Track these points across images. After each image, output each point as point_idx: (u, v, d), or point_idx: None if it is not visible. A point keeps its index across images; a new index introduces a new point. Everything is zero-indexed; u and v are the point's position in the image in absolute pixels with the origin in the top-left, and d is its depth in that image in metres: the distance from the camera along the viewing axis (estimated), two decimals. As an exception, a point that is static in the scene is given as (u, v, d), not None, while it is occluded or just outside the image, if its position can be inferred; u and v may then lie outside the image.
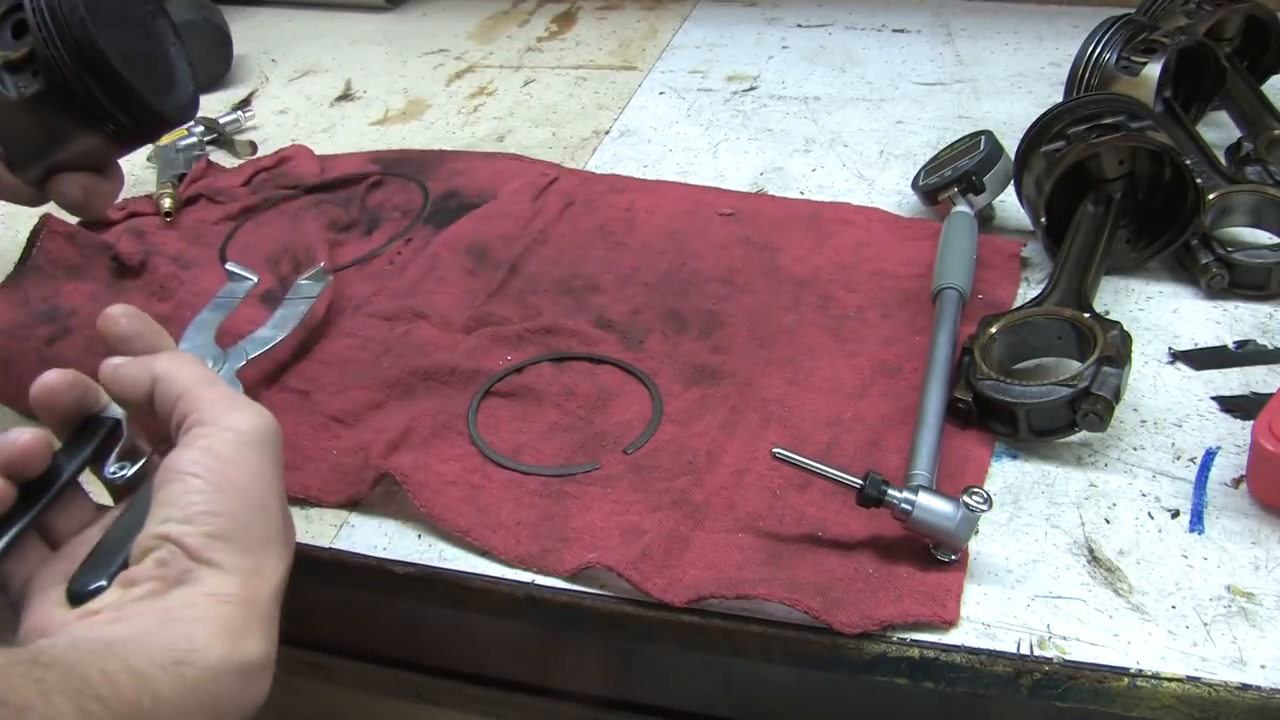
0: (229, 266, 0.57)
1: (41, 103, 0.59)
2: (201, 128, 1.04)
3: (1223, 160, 0.85)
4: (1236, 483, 0.61)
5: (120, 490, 0.53)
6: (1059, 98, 0.92)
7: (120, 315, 0.51)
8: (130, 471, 0.51)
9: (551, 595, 0.58)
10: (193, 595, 0.42)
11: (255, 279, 0.58)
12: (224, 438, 0.46)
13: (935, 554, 0.56)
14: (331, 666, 0.67)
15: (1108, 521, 0.59)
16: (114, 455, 0.51)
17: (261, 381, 0.72)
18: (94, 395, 0.52)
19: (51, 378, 0.50)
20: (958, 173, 0.83)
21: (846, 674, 0.55)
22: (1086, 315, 0.66)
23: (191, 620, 0.42)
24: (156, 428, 0.50)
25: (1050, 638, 0.53)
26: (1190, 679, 0.51)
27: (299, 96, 1.16)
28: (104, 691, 0.37)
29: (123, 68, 0.58)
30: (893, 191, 0.91)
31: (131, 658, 0.39)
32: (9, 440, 0.48)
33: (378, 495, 0.64)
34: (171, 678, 0.39)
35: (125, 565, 0.45)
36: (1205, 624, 0.53)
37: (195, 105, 0.66)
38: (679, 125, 1.04)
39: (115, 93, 0.59)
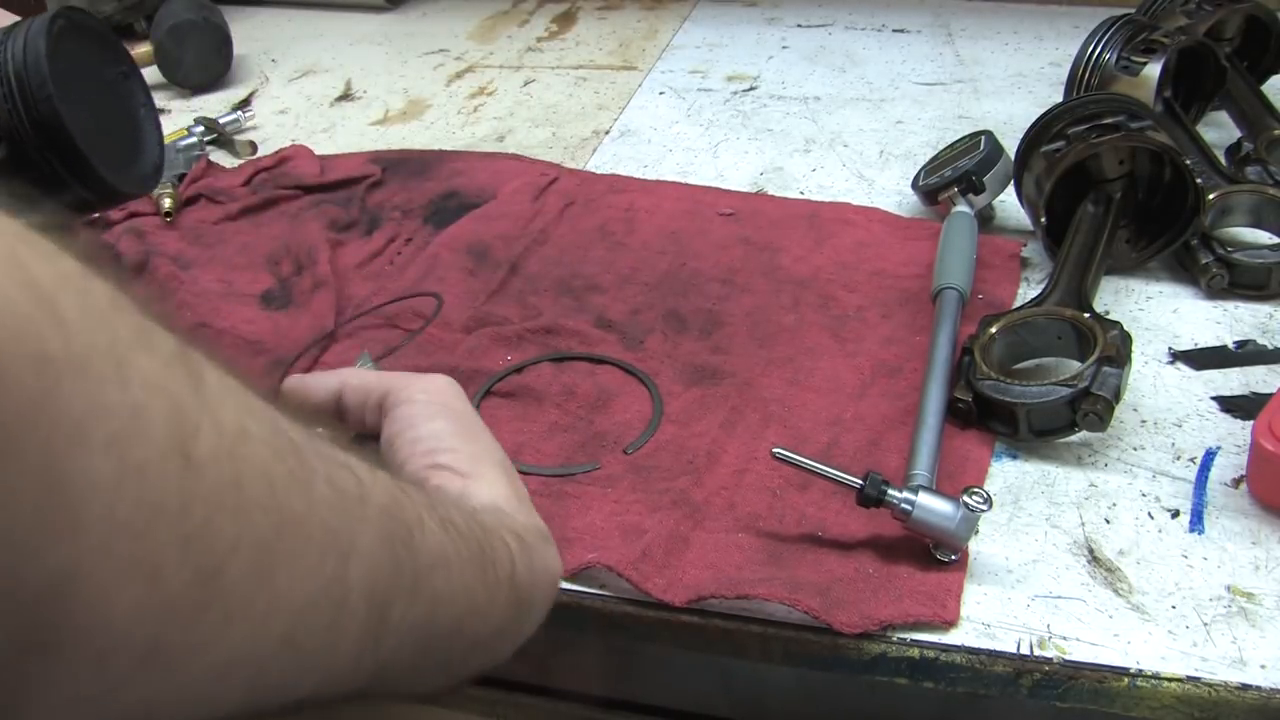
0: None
1: (1, 170, 0.59)
2: (201, 128, 1.04)
3: (1223, 160, 0.85)
4: (1236, 483, 0.61)
5: None
6: (1059, 98, 0.92)
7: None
8: None
9: (551, 595, 0.58)
10: (476, 502, 0.46)
11: None
12: (432, 390, 0.50)
13: (935, 554, 0.56)
14: (331, 666, 0.67)
15: (1108, 521, 0.59)
16: None
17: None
18: None
19: None
20: (958, 173, 0.83)
21: (846, 674, 0.55)
22: (1086, 315, 0.66)
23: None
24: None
25: (1050, 638, 0.53)
26: (1190, 679, 0.51)
27: (299, 96, 1.16)
28: (436, 498, 0.41)
29: (86, 144, 0.58)
30: (893, 191, 0.91)
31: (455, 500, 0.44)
32: None
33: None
34: (488, 515, 0.44)
35: None
36: (1205, 624, 0.53)
37: (160, 173, 0.66)
38: (679, 125, 1.04)
39: (77, 169, 0.59)
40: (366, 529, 0.33)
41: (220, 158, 1.02)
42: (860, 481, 0.56)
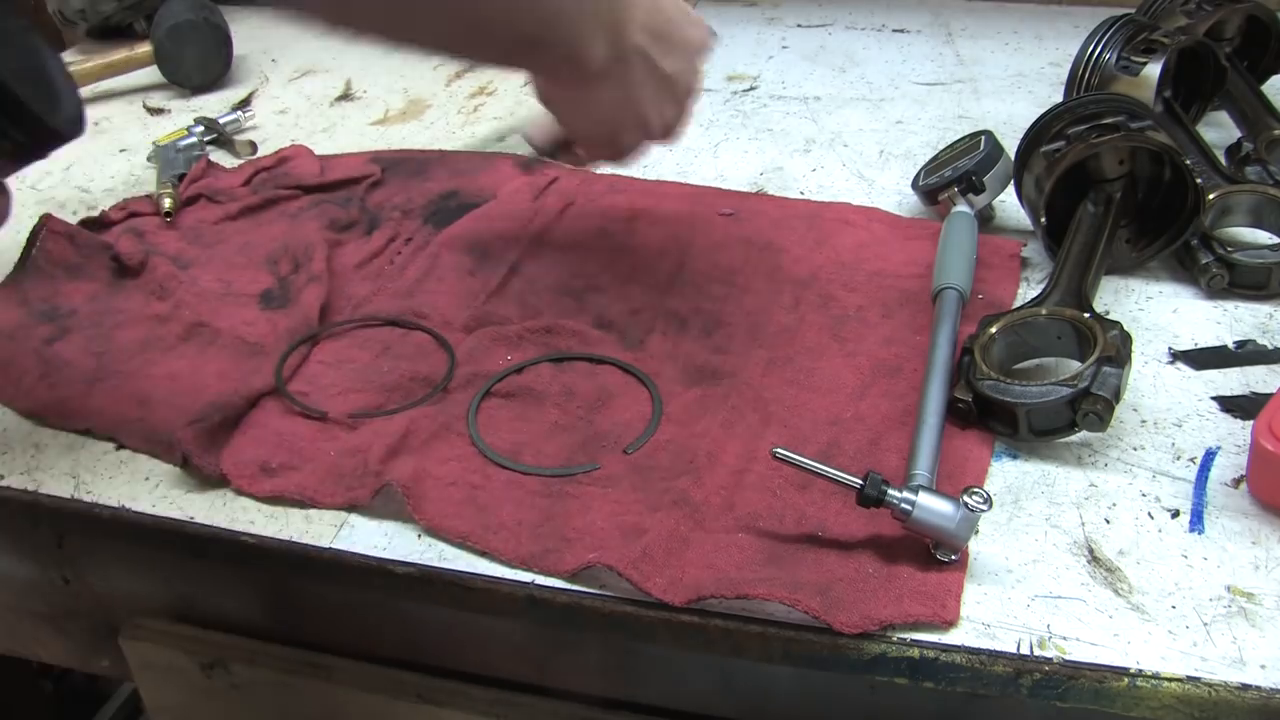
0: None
1: None
2: (201, 128, 1.04)
3: (1223, 160, 0.85)
4: (1236, 483, 0.61)
5: None
6: (1059, 98, 0.92)
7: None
8: None
9: (551, 595, 0.58)
10: None
11: None
12: None
13: (935, 554, 0.56)
14: (331, 666, 0.67)
15: (1108, 521, 0.59)
16: None
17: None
18: None
19: None
20: (958, 173, 0.83)
21: (846, 674, 0.55)
22: (1086, 315, 0.66)
23: None
24: None
25: (1050, 638, 0.53)
26: (1190, 679, 0.51)
27: (299, 96, 1.16)
28: None
29: (15, 86, 0.58)
30: (893, 191, 0.91)
31: None
32: None
33: (377, 495, 0.64)
34: None
35: None
36: (1205, 624, 0.53)
37: (83, 119, 0.66)
38: (679, 125, 1.04)
39: (10, 111, 0.58)
40: None
41: (220, 158, 1.02)
42: (860, 481, 0.56)
